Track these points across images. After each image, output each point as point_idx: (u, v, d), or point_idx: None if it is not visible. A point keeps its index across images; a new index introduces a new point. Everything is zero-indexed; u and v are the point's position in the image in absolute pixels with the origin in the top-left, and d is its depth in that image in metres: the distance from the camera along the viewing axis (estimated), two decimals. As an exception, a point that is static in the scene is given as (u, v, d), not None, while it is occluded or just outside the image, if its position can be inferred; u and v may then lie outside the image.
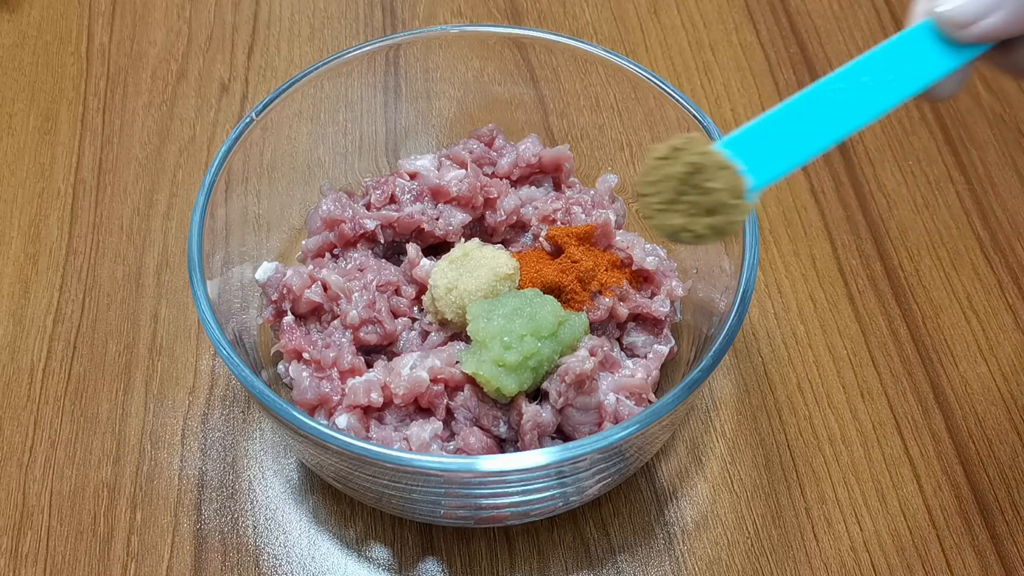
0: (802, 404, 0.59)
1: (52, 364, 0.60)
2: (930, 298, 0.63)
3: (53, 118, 0.72)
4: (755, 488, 0.56)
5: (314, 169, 0.61)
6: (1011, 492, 0.56)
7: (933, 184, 0.69)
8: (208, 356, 0.60)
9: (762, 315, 0.62)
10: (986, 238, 0.66)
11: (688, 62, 0.75)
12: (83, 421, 0.58)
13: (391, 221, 0.56)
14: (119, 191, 0.68)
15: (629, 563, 0.53)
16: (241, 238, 0.55)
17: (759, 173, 0.38)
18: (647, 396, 0.52)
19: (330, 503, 0.55)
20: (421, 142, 0.65)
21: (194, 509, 0.55)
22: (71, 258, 0.65)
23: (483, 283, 0.51)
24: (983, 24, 0.38)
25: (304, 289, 0.53)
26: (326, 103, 0.59)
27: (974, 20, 0.38)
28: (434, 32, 0.60)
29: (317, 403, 0.51)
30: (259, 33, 0.77)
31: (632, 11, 0.79)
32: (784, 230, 0.66)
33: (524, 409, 0.49)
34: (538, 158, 0.59)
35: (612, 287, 0.53)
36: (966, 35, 0.38)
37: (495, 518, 0.52)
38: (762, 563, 0.53)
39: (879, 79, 0.39)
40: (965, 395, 0.59)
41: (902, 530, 0.54)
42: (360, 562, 0.53)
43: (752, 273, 0.49)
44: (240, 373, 0.46)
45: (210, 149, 0.70)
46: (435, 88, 0.63)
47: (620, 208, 0.60)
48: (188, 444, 0.57)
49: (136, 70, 0.74)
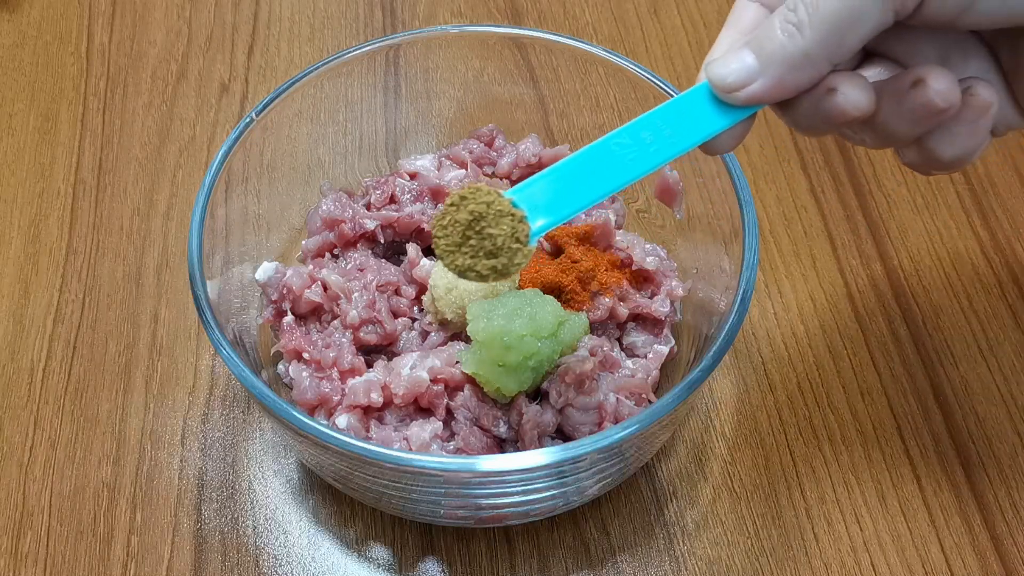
0: (802, 404, 0.59)
1: (52, 364, 0.60)
2: (930, 298, 0.63)
3: (53, 118, 0.72)
4: (755, 488, 0.56)
5: (314, 169, 0.61)
6: (1011, 492, 0.56)
7: (933, 184, 0.69)
8: (208, 356, 0.60)
9: (762, 315, 0.62)
10: (986, 238, 0.66)
11: (688, 62, 0.75)
12: (83, 421, 0.58)
13: (391, 221, 0.56)
14: (119, 191, 0.68)
15: (629, 563, 0.53)
16: (241, 238, 0.55)
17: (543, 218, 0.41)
18: (647, 396, 0.52)
19: (330, 503, 0.55)
20: (421, 142, 0.65)
21: (194, 509, 0.55)
22: (71, 258, 0.65)
23: (483, 283, 0.51)
24: (748, 90, 0.40)
25: (304, 289, 0.53)
26: (326, 103, 0.59)
27: (740, 86, 0.40)
28: (434, 32, 0.60)
29: (317, 403, 0.51)
30: (259, 33, 0.77)
31: (632, 11, 0.79)
32: (784, 230, 0.66)
33: (524, 409, 0.49)
34: (538, 158, 0.59)
35: (612, 287, 0.53)
36: (734, 99, 0.40)
37: (495, 518, 0.52)
38: (762, 563, 0.53)
39: (659, 134, 0.42)
40: (965, 395, 0.59)
41: (902, 530, 0.54)
42: (360, 562, 0.53)
43: (752, 273, 0.49)
44: (240, 373, 0.46)
45: (210, 149, 0.70)
46: (435, 88, 0.63)
47: (620, 208, 0.60)
48: (188, 444, 0.57)
49: (136, 70, 0.74)
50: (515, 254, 0.41)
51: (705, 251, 0.56)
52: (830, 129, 0.42)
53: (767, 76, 0.39)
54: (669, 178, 0.57)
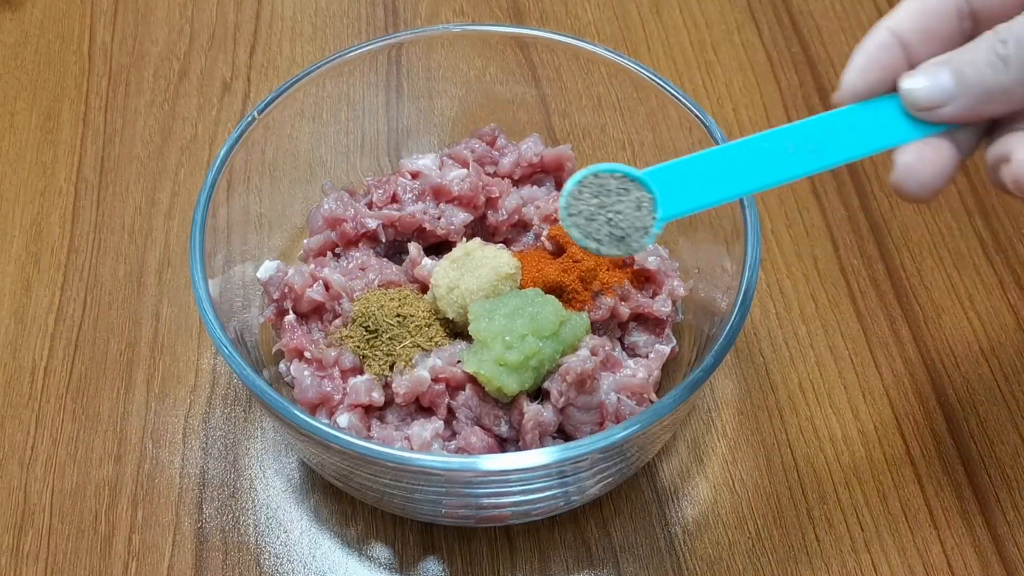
0: (803, 404, 0.59)
1: (54, 363, 0.60)
2: (932, 298, 0.63)
3: (55, 117, 0.72)
4: (756, 488, 0.56)
5: (316, 168, 0.61)
6: (1012, 493, 0.56)
7: (935, 184, 0.69)
8: (209, 355, 0.61)
9: (764, 315, 0.62)
10: (988, 238, 0.66)
11: (690, 61, 0.75)
12: (84, 420, 0.58)
13: (393, 220, 0.56)
14: (121, 190, 0.68)
15: (630, 563, 0.53)
16: (243, 237, 0.55)
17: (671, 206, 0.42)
18: (648, 396, 0.52)
19: (331, 502, 0.55)
20: (423, 141, 0.65)
21: (195, 508, 0.55)
22: (73, 257, 0.65)
23: (485, 283, 0.51)
24: (940, 112, 0.40)
25: (306, 288, 0.53)
26: (328, 102, 0.59)
27: (933, 106, 0.40)
28: (436, 31, 0.60)
29: (318, 402, 0.51)
30: (261, 32, 0.77)
31: (634, 10, 0.79)
32: (786, 230, 0.66)
33: (525, 409, 0.49)
34: (540, 157, 0.59)
35: (613, 287, 0.53)
36: (924, 116, 0.41)
37: (496, 517, 0.52)
38: (763, 563, 0.53)
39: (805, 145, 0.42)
40: (967, 395, 0.59)
41: (903, 531, 0.54)
42: (361, 561, 0.53)
43: (754, 273, 0.49)
44: (241, 372, 0.46)
45: (212, 148, 0.70)
46: (437, 87, 0.63)
47: (622, 208, 0.60)
48: (189, 443, 0.57)
49: (138, 69, 0.74)
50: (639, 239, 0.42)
51: (707, 251, 0.56)
52: None
53: (961, 102, 0.40)
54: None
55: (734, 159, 0.42)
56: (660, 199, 0.42)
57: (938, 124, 0.41)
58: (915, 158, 0.41)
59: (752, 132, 0.70)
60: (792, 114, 0.72)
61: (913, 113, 0.41)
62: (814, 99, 0.73)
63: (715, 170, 0.42)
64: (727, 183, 0.42)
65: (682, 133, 0.56)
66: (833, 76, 0.74)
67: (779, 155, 0.42)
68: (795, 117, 0.72)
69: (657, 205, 0.42)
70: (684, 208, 0.42)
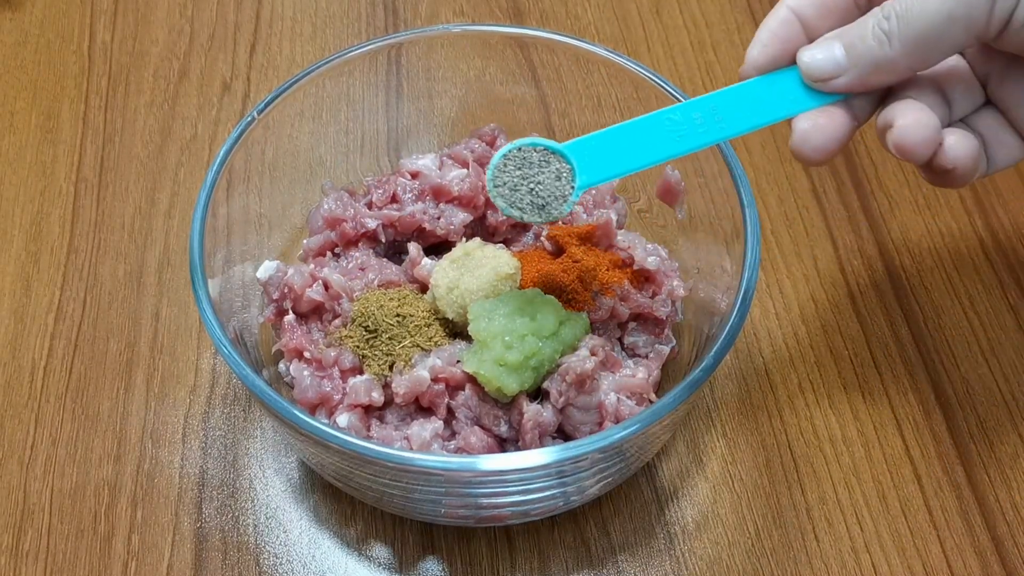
0: (803, 404, 0.59)
1: (53, 362, 0.60)
2: (931, 299, 0.63)
3: (55, 116, 0.72)
4: (756, 488, 0.56)
5: (316, 168, 0.61)
6: (1012, 493, 0.56)
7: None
8: (209, 355, 0.61)
9: (763, 315, 0.62)
10: (988, 238, 0.66)
11: (690, 62, 0.75)
12: (84, 419, 0.58)
13: (392, 220, 0.56)
14: (121, 189, 0.68)
15: (629, 563, 0.53)
16: (243, 237, 0.55)
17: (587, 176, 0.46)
18: (648, 396, 0.52)
19: (331, 502, 0.55)
20: (423, 141, 0.65)
21: (195, 508, 0.55)
22: (72, 256, 0.65)
23: (484, 283, 0.51)
24: (835, 82, 0.44)
25: (305, 288, 0.53)
26: (328, 102, 0.59)
27: (828, 77, 0.44)
28: (436, 31, 0.60)
29: (318, 402, 0.51)
30: (261, 32, 0.77)
31: (634, 11, 0.79)
32: (786, 230, 0.66)
33: (525, 408, 0.49)
34: (540, 157, 0.59)
35: (613, 287, 0.53)
36: (820, 87, 0.45)
37: (496, 517, 0.52)
38: (762, 563, 0.53)
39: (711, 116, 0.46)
40: (966, 396, 0.59)
41: (903, 531, 0.54)
42: (360, 561, 0.53)
43: (754, 273, 0.49)
44: (241, 372, 0.46)
45: (212, 148, 0.70)
46: (437, 87, 0.63)
47: (621, 208, 0.60)
48: (189, 443, 0.57)
49: (138, 68, 0.74)
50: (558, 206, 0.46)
51: (707, 251, 0.56)
52: None
53: (852, 74, 0.44)
54: (671, 178, 0.57)
55: (645, 131, 0.45)
56: (578, 169, 0.45)
57: (834, 94, 0.45)
58: (810, 124, 0.44)
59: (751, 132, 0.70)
60: (792, 114, 0.72)
61: (810, 84, 0.45)
62: (814, 99, 0.73)
63: (628, 142, 0.45)
64: (639, 153, 0.45)
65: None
66: (833, 76, 0.74)
67: (687, 126, 0.45)
68: (795, 117, 0.72)
69: (575, 175, 0.45)
70: (600, 177, 0.46)
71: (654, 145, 0.45)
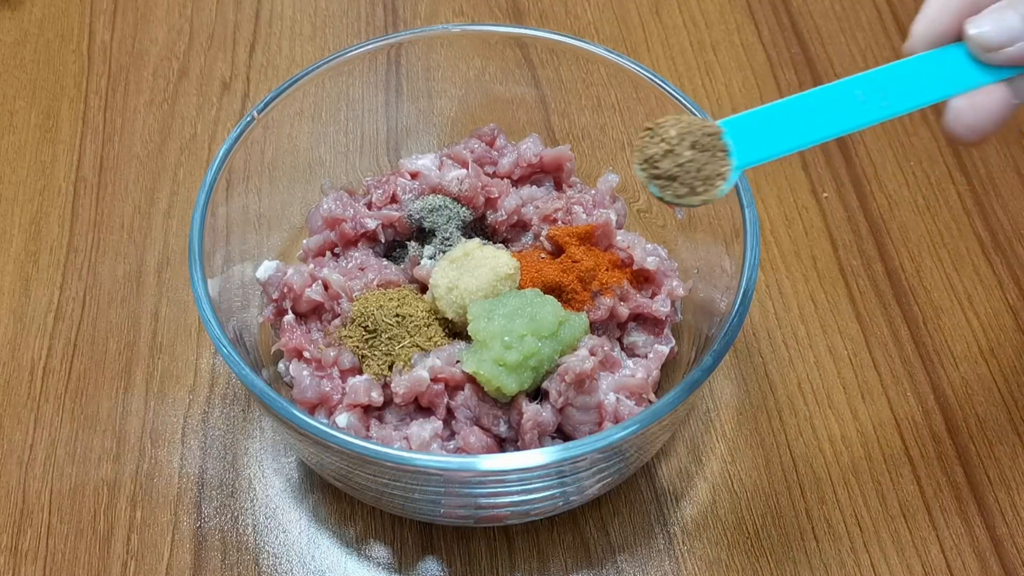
0: (802, 404, 0.59)
1: (52, 362, 0.60)
2: (931, 299, 0.63)
3: (54, 116, 0.72)
4: (755, 488, 0.56)
5: (315, 168, 0.61)
6: (1011, 493, 0.56)
7: (934, 184, 0.69)
8: (209, 354, 0.61)
9: (763, 315, 0.62)
10: (987, 239, 0.66)
11: (690, 62, 0.75)
12: (83, 419, 0.58)
13: (392, 220, 0.56)
14: (120, 189, 0.68)
15: (629, 563, 0.53)
16: (242, 236, 0.55)
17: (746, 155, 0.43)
18: (647, 396, 0.52)
19: (330, 502, 0.55)
20: (422, 141, 0.64)
21: (194, 507, 0.55)
22: (72, 256, 0.65)
23: (484, 283, 0.51)
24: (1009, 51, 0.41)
25: (305, 288, 0.53)
26: (327, 102, 0.59)
27: (1001, 45, 0.41)
28: (436, 31, 0.60)
29: (317, 402, 0.51)
30: (261, 31, 0.77)
31: (634, 11, 0.79)
32: (785, 230, 0.66)
33: (524, 408, 0.49)
34: (539, 158, 0.59)
35: (613, 287, 0.53)
36: (993, 58, 0.42)
37: (495, 517, 0.52)
38: (762, 564, 0.53)
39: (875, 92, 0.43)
40: (966, 396, 0.59)
41: (902, 531, 0.54)
42: (360, 561, 0.53)
43: (753, 273, 0.49)
44: (240, 372, 0.46)
45: (211, 147, 0.70)
46: (436, 87, 0.63)
47: (621, 208, 0.60)
48: (188, 442, 0.57)
49: (137, 68, 0.74)
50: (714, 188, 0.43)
51: (706, 251, 0.56)
52: None
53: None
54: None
55: (805, 109, 0.43)
56: (736, 149, 0.43)
57: (1003, 68, 0.42)
58: (965, 102, 0.42)
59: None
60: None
61: (979, 56, 0.42)
62: (813, 99, 0.73)
63: (786, 120, 0.43)
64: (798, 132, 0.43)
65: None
66: (833, 76, 0.74)
67: (849, 104, 0.43)
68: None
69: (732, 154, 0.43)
70: (758, 156, 0.43)
71: (814, 124, 0.43)
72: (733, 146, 0.43)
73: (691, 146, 0.43)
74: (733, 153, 0.43)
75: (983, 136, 0.42)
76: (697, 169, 0.43)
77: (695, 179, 0.43)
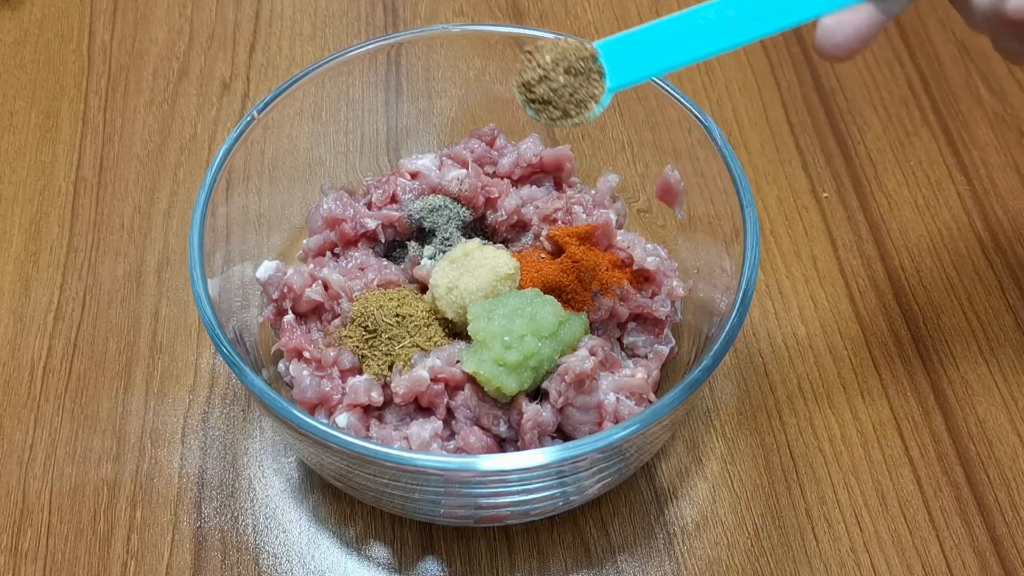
0: (802, 404, 0.59)
1: (52, 362, 0.60)
2: (931, 299, 0.63)
3: (54, 116, 0.72)
4: (755, 488, 0.56)
5: (315, 168, 0.61)
6: (1011, 493, 0.56)
7: (934, 185, 0.69)
8: (208, 354, 0.61)
9: (763, 315, 0.62)
10: (987, 239, 0.66)
11: (690, 62, 0.75)
12: (83, 419, 0.58)
13: (392, 220, 0.56)
14: (120, 189, 0.68)
15: (629, 563, 0.53)
16: (242, 236, 0.55)
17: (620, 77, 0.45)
18: (647, 396, 0.52)
19: (330, 502, 0.55)
20: (422, 141, 0.64)
21: (194, 507, 0.55)
22: (72, 256, 0.65)
23: (484, 283, 0.51)
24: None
25: (305, 288, 0.53)
26: (327, 102, 0.59)
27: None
28: (436, 31, 0.60)
29: (317, 402, 0.51)
30: (261, 31, 0.77)
31: (634, 11, 0.79)
32: (785, 230, 0.66)
33: (524, 408, 0.49)
34: (539, 158, 0.59)
35: (613, 287, 0.53)
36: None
37: (495, 517, 0.52)
38: (762, 563, 0.53)
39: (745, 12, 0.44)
40: (965, 396, 0.59)
41: (902, 531, 0.54)
42: (360, 561, 0.53)
43: (753, 273, 0.49)
44: (240, 372, 0.46)
45: (211, 147, 0.70)
46: (436, 87, 0.63)
47: (621, 208, 0.60)
48: (188, 442, 0.57)
49: (137, 68, 0.74)
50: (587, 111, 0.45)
51: (706, 251, 0.56)
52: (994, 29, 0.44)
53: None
54: (670, 178, 0.57)
55: (678, 29, 0.44)
56: (609, 71, 0.44)
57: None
58: (833, 20, 0.43)
59: (752, 132, 0.70)
60: (791, 114, 0.72)
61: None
62: (813, 99, 0.73)
63: (660, 41, 0.44)
64: (672, 52, 0.44)
65: (681, 133, 0.56)
66: (833, 76, 0.74)
67: (722, 24, 0.44)
68: (794, 117, 0.72)
69: (606, 76, 0.44)
70: (631, 78, 0.45)
71: (687, 44, 0.44)
72: (608, 68, 0.44)
73: (566, 71, 0.44)
74: (607, 75, 0.44)
75: (851, 53, 0.43)
76: (571, 93, 0.44)
77: (568, 103, 0.44)
